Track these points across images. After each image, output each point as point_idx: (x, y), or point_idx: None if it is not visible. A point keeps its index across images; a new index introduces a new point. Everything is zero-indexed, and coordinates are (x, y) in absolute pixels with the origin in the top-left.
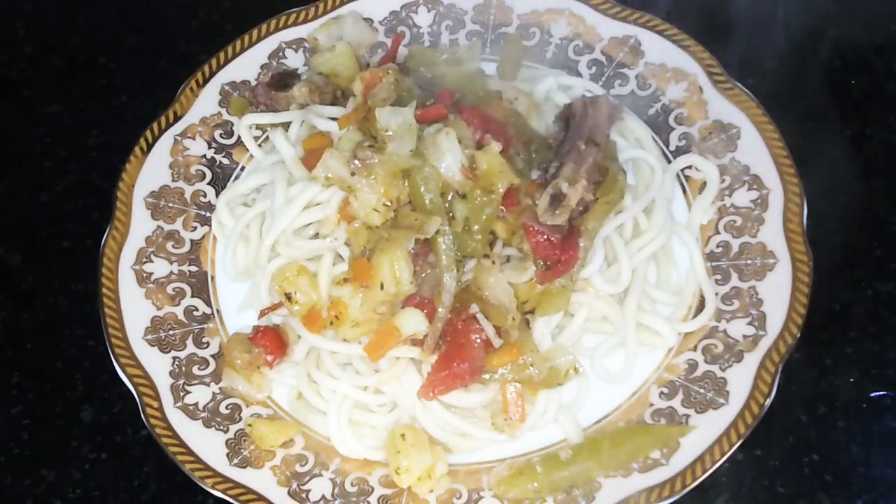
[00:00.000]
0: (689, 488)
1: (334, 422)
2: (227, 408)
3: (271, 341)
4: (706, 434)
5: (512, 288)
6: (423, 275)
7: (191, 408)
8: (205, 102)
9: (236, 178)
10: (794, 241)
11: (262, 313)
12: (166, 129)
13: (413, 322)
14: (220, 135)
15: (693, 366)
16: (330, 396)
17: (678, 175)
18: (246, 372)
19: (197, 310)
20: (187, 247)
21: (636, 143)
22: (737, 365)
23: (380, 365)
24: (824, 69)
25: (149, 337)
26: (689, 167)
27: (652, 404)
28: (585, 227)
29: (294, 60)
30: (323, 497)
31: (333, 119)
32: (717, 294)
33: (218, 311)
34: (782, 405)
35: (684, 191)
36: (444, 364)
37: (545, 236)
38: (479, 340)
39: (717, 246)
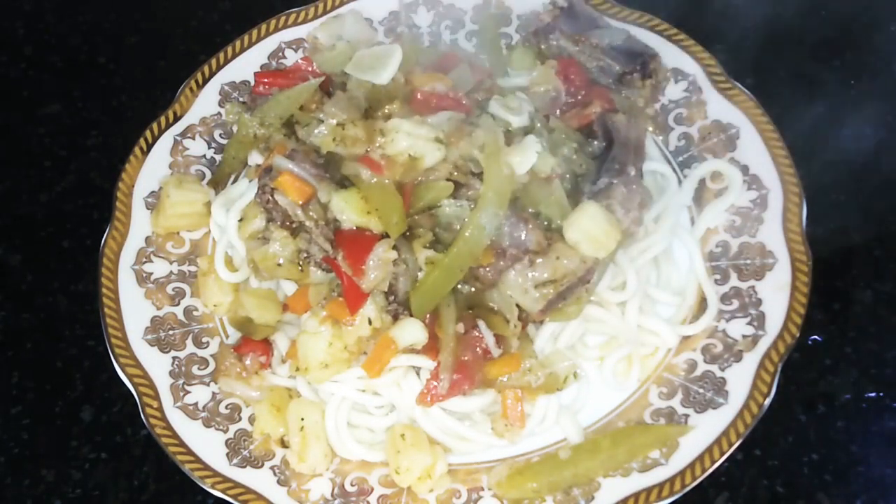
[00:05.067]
0: (688, 488)
1: (332, 423)
2: (226, 407)
3: (256, 346)
4: (705, 434)
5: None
6: None
7: (190, 408)
8: (204, 102)
9: (235, 178)
10: (793, 240)
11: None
12: (166, 129)
13: (410, 332)
14: (220, 135)
15: (692, 365)
16: (328, 398)
17: (678, 176)
18: (244, 378)
19: (197, 310)
20: (187, 247)
21: None
22: (736, 365)
23: None
24: (824, 69)
25: (148, 337)
26: (690, 167)
27: (651, 404)
28: None
29: (294, 60)
30: (322, 497)
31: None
32: (716, 294)
33: None
34: (781, 405)
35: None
36: None
37: None
38: (478, 349)
39: (717, 246)
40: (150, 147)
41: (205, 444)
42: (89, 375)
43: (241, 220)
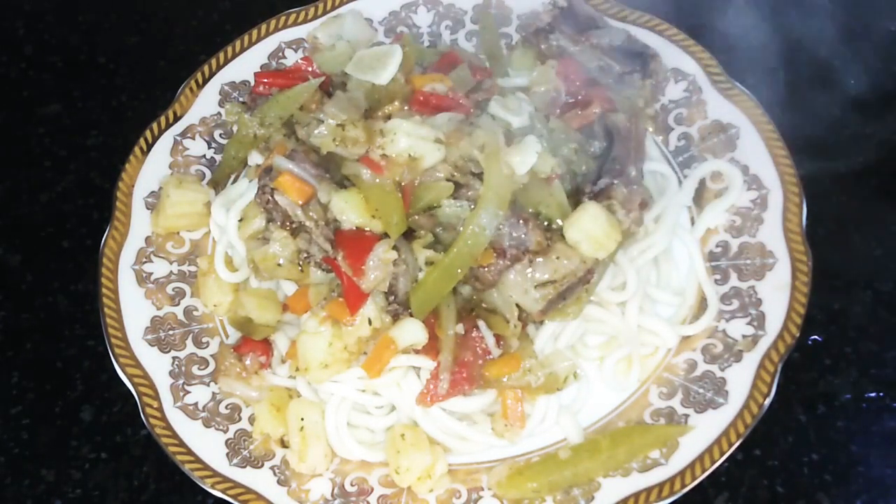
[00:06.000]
0: (688, 488)
1: (332, 423)
2: (226, 408)
3: (256, 346)
4: (705, 434)
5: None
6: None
7: (190, 408)
8: (204, 102)
9: (235, 178)
10: (793, 240)
11: None
12: (166, 129)
13: (410, 333)
14: (220, 135)
15: (692, 365)
16: (328, 398)
17: (678, 176)
18: (244, 378)
19: (196, 310)
20: (187, 247)
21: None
22: (736, 365)
23: None
24: (824, 69)
25: (148, 337)
26: (690, 167)
27: (651, 404)
28: None
29: (294, 60)
30: (322, 497)
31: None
32: (716, 294)
33: None
34: (781, 405)
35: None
36: None
37: None
38: (478, 350)
39: (717, 246)
40: (150, 147)
41: (205, 444)
42: (89, 375)
43: (241, 220)
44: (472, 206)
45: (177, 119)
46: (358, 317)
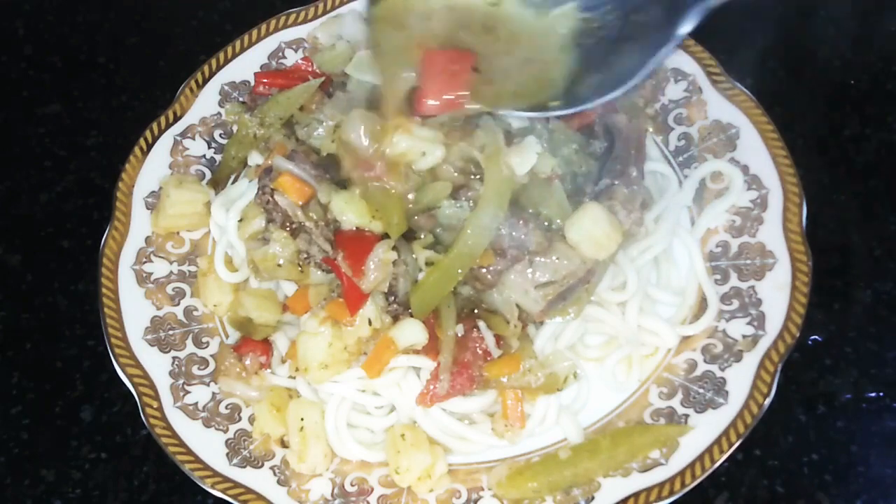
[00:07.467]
0: (688, 488)
1: (332, 423)
2: (226, 408)
3: (256, 346)
4: (705, 434)
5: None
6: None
7: (190, 408)
8: (204, 102)
9: (235, 178)
10: (793, 240)
11: None
12: (166, 129)
13: (410, 333)
14: (220, 135)
15: (692, 365)
16: (327, 398)
17: (678, 176)
18: (244, 378)
19: (196, 310)
20: (187, 247)
21: None
22: (736, 365)
23: None
24: (824, 69)
25: (148, 337)
26: (690, 167)
27: (651, 404)
28: None
29: (294, 60)
30: (322, 497)
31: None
32: (716, 294)
33: None
34: (781, 405)
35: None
36: None
37: None
38: (478, 350)
39: (717, 246)
40: (150, 147)
41: (205, 444)
42: (89, 375)
43: (241, 221)
44: (472, 207)
45: (177, 119)
46: (358, 317)
